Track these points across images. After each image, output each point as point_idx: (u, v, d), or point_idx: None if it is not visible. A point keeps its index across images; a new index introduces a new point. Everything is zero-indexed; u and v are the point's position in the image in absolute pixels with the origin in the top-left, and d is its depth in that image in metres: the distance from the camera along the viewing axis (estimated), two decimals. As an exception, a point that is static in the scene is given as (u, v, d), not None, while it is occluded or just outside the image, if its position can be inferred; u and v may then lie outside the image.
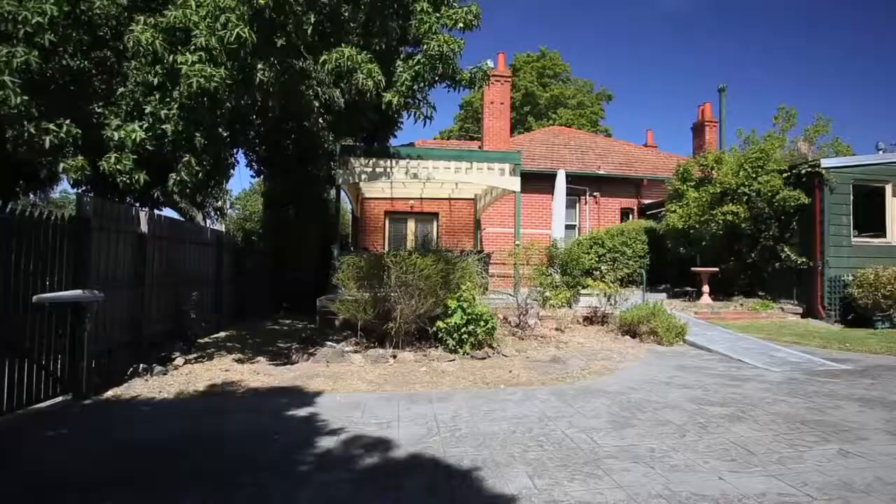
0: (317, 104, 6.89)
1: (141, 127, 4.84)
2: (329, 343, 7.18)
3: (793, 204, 10.13)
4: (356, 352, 6.73)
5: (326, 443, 3.61)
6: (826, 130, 18.40)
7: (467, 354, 6.56)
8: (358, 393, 5.10)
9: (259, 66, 4.68)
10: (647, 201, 16.42)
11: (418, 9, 5.17)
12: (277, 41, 5.38)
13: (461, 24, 5.29)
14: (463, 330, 6.52)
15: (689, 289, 12.55)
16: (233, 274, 10.40)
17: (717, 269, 11.30)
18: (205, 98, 4.49)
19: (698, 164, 11.91)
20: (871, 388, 5.21)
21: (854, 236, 10.14)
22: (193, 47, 4.53)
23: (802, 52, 63.43)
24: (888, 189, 10.34)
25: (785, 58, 64.81)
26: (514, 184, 10.24)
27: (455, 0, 5.88)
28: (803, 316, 10.21)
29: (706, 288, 11.22)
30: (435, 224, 15.66)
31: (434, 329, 6.70)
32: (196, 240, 8.57)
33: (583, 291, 10.04)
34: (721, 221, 10.60)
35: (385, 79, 5.32)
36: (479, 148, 16.76)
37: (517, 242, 9.87)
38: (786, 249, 10.43)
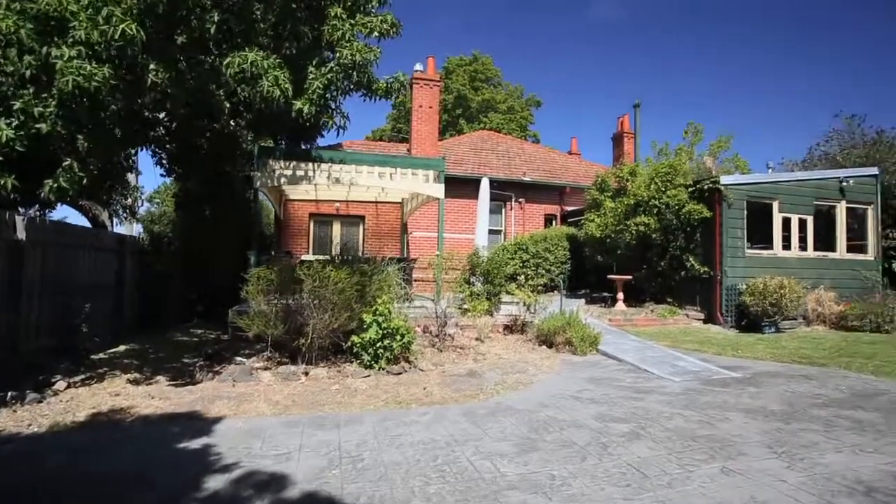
0: (228, 105, 6.49)
1: (9, 125, 4.28)
2: (239, 359, 6.79)
3: (697, 217, 10.82)
4: (266, 368, 6.40)
5: (215, 483, 3.35)
6: (727, 146, 19.82)
7: (383, 370, 6.42)
8: (262, 417, 4.83)
9: (152, 66, 4.28)
10: (569, 208, 17.00)
11: (332, 14, 4.95)
12: (178, 38, 4.97)
13: (376, 33, 5.14)
14: (378, 345, 6.37)
15: (606, 294, 13.09)
16: (139, 280, 9.64)
17: (630, 276, 11.87)
18: (84, 98, 4.03)
19: (615, 175, 12.45)
20: (755, 396, 5.60)
21: (748, 248, 11.00)
22: (72, 40, 4.05)
23: (713, 68, 68.44)
24: (775, 205, 11.30)
25: (699, 72, 69.62)
26: (438, 191, 10.20)
27: (373, 7, 5.71)
28: (705, 322, 10.94)
29: (621, 295, 11.75)
30: (361, 227, 15.36)
31: (349, 344, 6.50)
32: (93, 244, 7.84)
33: (504, 299, 10.19)
34: (634, 231, 11.14)
35: (297, 86, 5.06)
36: (407, 151, 16.64)
37: (437, 253, 9.84)
38: (690, 259, 11.13)
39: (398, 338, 6.49)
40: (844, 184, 12.00)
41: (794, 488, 3.27)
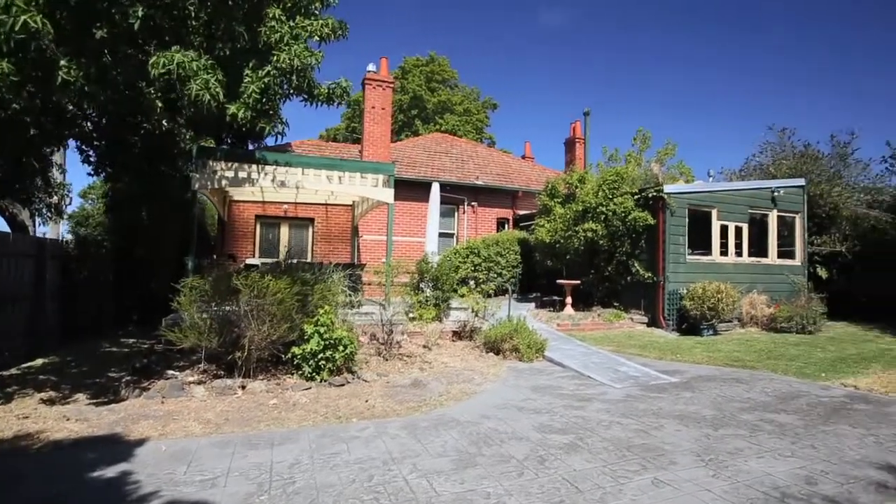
0: (161, 104, 6.15)
1: None
2: (171, 372, 6.44)
3: (642, 224, 11.15)
4: (200, 383, 6.10)
5: (129, 516, 3.13)
6: (673, 153, 20.51)
7: (325, 381, 6.24)
8: (191, 438, 4.57)
9: (63, 62, 3.96)
10: (521, 212, 17.19)
11: (270, 15, 4.74)
12: (97, 32, 4.64)
13: (317, 37, 4.97)
14: (320, 356, 6.19)
15: (556, 298, 13.31)
16: (63, 287, 9.01)
17: (579, 281, 12.11)
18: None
19: (565, 182, 12.67)
20: (689, 402, 5.78)
21: (689, 254, 11.43)
22: (-36, 31, 3.69)
23: (660, 77, 71.09)
24: (714, 213, 11.80)
25: (647, 81, 72.16)
26: (388, 195, 10.06)
27: (316, 9, 5.53)
28: (649, 325, 11.29)
29: (569, 299, 11.97)
30: (310, 230, 15.00)
31: (289, 355, 6.29)
32: (4, 251, 7.24)
33: (454, 304, 10.16)
34: (583, 238, 11.37)
35: (231, 89, 4.83)
36: (359, 152, 16.38)
37: (384, 260, 9.71)
38: (636, 265, 11.46)
39: (341, 348, 6.33)
40: (776, 193, 12.67)
41: (717, 498, 3.36)
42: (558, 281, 12.33)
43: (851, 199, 14.50)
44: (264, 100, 4.81)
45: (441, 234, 16.54)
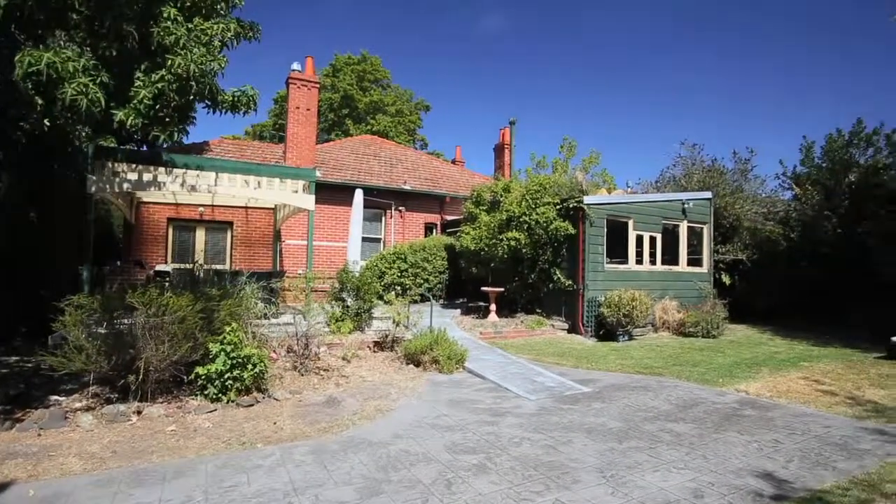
0: (40, 101, 5.54)
1: None
2: (55, 398, 5.84)
3: (563, 233, 11.49)
4: (89, 409, 5.57)
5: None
6: (597, 162, 21.28)
7: (232, 402, 5.89)
8: (68, 477, 4.13)
9: None
10: (450, 217, 17.25)
11: (165, 14, 4.37)
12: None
13: (217, 42, 4.65)
14: (227, 376, 5.84)
15: (482, 304, 13.42)
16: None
17: (503, 289, 12.28)
18: None
19: (490, 190, 12.82)
20: (599, 413, 5.97)
21: (607, 263, 11.91)
22: None
23: (581, 84, 74.15)
24: (630, 223, 12.38)
25: (572, 90, 74.96)
26: (309, 202, 9.72)
27: (222, 9, 5.18)
28: (569, 331, 11.65)
29: (493, 306, 12.11)
30: (229, 234, 14.25)
31: (193, 376, 5.88)
32: None
33: (376, 314, 9.98)
34: (506, 246, 11.54)
35: (120, 93, 4.41)
36: (283, 153, 15.79)
37: (300, 272, 9.37)
38: (557, 273, 11.78)
39: (250, 367, 6.00)
40: (686, 205, 13.49)
41: (613, 520, 3.45)
42: (483, 288, 12.46)
43: (751, 212, 15.71)
44: (158, 106, 4.43)
45: (368, 239, 16.31)
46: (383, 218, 16.67)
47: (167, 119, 4.65)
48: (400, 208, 16.75)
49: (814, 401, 6.46)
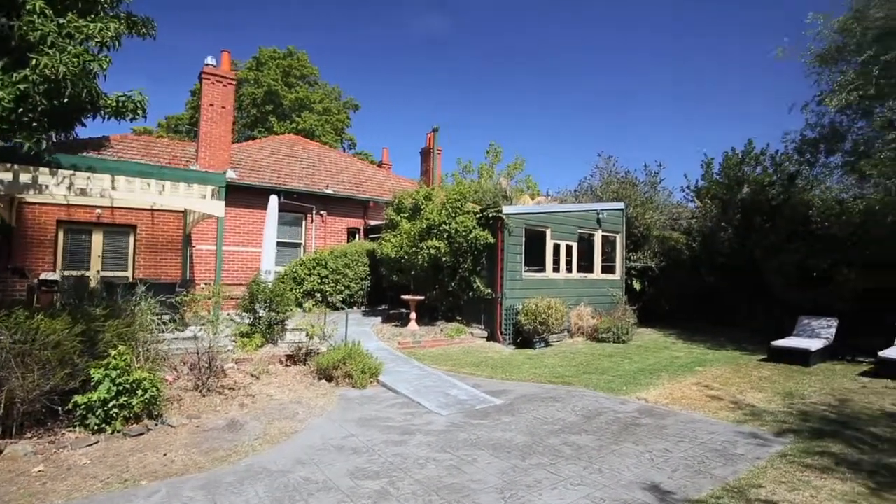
0: None
1: None
2: None
3: (483, 242, 11.64)
4: (-62, 447, 4.90)
5: None
6: (522, 168, 21.76)
7: (118, 432, 5.42)
8: None
9: None
10: (373, 222, 17.02)
11: (28, 7, 3.89)
12: None
13: (95, 42, 4.23)
14: (112, 404, 5.36)
15: (403, 311, 13.34)
16: None
17: (424, 297, 12.26)
18: None
19: (411, 197, 12.75)
20: (507, 427, 6.06)
21: (525, 271, 12.20)
22: None
23: (512, 92, 76.15)
24: (548, 233, 12.77)
25: (501, 95, 76.70)
26: (218, 208, 9.18)
27: (106, 4, 4.73)
28: (488, 339, 11.82)
29: (413, 315, 12.06)
30: (132, 238, 13.20)
31: (71, 405, 5.34)
32: None
33: (290, 326, 9.62)
34: (426, 254, 11.52)
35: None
36: (196, 152, 14.88)
37: (202, 285, 8.86)
38: (477, 281, 11.93)
39: (140, 392, 5.55)
40: (600, 215, 14.11)
41: (505, 546, 3.47)
42: (403, 296, 12.38)
43: (659, 221, 16.74)
44: (21, 109, 3.95)
45: (287, 244, 15.76)
46: (304, 222, 16.14)
47: (34, 124, 4.15)
48: (322, 212, 16.29)
49: (703, 406, 6.93)
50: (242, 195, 14.64)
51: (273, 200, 10.56)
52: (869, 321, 10.97)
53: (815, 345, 10.02)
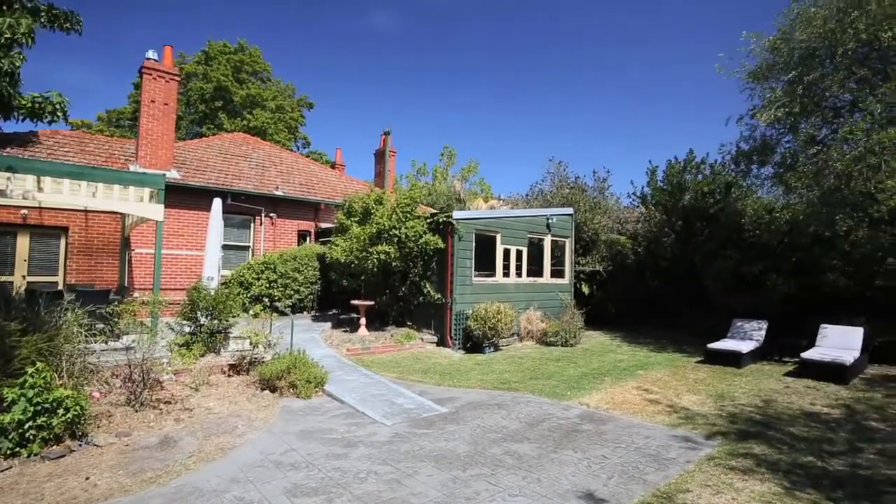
0: None
1: None
2: None
3: (433, 247, 11.65)
4: None
5: None
6: (476, 171, 21.91)
7: (36, 455, 5.09)
8: None
9: None
10: (324, 225, 16.74)
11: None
12: None
13: (6, 38, 3.95)
14: (29, 426, 5.03)
15: (354, 315, 13.20)
16: None
17: (373, 302, 12.16)
18: None
19: (362, 201, 12.63)
20: (451, 437, 6.08)
21: (475, 276, 12.31)
22: None
23: (468, 96, 76.65)
24: (498, 238, 12.93)
25: (453, 100, 77.08)
26: (156, 212, 8.80)
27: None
28: (438, 344, 11.84)
29: (363, 320, 11.95)
30: (63, 241, 12.45)
31: (-18, 427, 4.98)
32: None
33: (234, 333, 9.33)
34: (377, 259, 11.43)
35: None
36: (136, 150, 14.21)
37: (140, 290, 8.48)
38: (427, 286, 11.93)
39: (62, 412, 5.23)
40: (550, 221, 14.40)
41: (439, 563, 3.48)
42: (353, 301, 12.26)
43: (607, 226, 17.26)
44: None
45: (234, 247, 15.31)
46: (252, 225, 15.70)
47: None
48: (271, 215, 15.89)
49: (641, 411, 7.18)
50: (186, 196, 14.10)
51: (217, 204, 10.17)
52: (795, 323, 11.68)
53: (746, 347, 10.58)
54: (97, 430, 5.82)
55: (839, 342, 10.06)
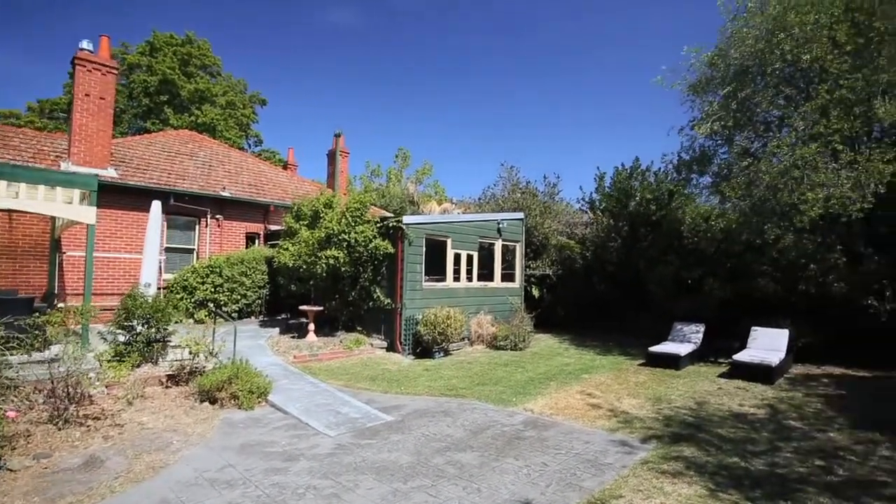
0: None
1: None
2: None
3: (383, 252, 11.59)
4: None
5: None
6: (430, 173, 21.90)
7: (-58, 481, 4.73)
8: None
9: None
10: (274, 227, 16.35)
11: None
12: None
13: None
14: (-66, 449, 4.67)
15: (303, 320, 12.95)
16: None
17: (322, 307, 11.98)
18: None
19: (311, 204, 12.41)
20: (395, 447, 6.04)
21: (425, 281, 12.32)
22: None
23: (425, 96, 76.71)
24: (449, 242, 12.99)
25: (409, 100, 76.98)
26: (88, 215, 8.35)
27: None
28: (388, 349, 11.78)
29: (312, 326, 11.75)
30: (-16, 243, 11.64)
31: None
32: None
33: (174, 342, 8.97)
34: (325, 264, 11.25)
35: None
36: (68, 146, 13.44)
37: (70, 303, 8.04)
38: (377, 291, 11.85)
39: (-28, 433, 4.88)
40: (501, 225, 14.59)
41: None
42: (301, 307, 12.02)
43: (557, 231, 17.65)
44: None
45: (178, 250, 14.75)
46: (197, 226, 15.14)
47: None
48: (217, 216, 15.37)
49: (583, 416, 7.38)
50: (125, 196, 13.46)
51: (156, 207, 9.71)
52: (730, 326, 12.30)
53: (684, 349, 11.06)
54: (11, 452, 5.46)
55: (767, 344, 10.68)
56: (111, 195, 13.08)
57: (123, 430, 6.37)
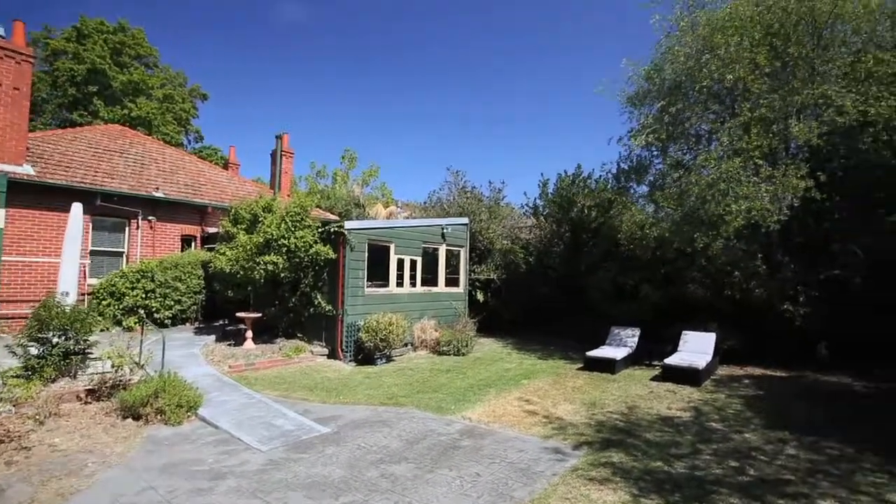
0: None
1: None
2: None
3: (324, 257, 11.37)
4: None
5: None
6: (376, 175, 21.69)
7: None
8: None
9: None
10: (212, 229, 15.70)
11: None
12: None
13: None
14: None
15: (242, 327, 12.51)
16: None
17: (262, 314, 11.62)
18: None
19: (250, 208, 12.01)
20: (328, 461, 5.90)
21: (367, 286, 12.18)
22: None
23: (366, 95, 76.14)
24: (392, 248, 12.91)
25: (352, 99, 76.18)
26: (-4, 218, 7.71)
27: None
28: (329, 356, 11.57)
29: (249, 333, 11.38)
30: None
31: None
32: None
33: (96, 354, 8.44)
34: (264, 270, 10.92)
35: None
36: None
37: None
38: (318, 297, 11.61)
39: None
40: (445, 230, 14.64)
41: None
42: (238, 314, 11.62)
43: (502, 235, 17.90)
44: None
45: (107, 253, 13.93)
46: (127, 228, 14.31)
47: None
48: (150, 218, 14.59)
49: (519, 423, 7.49)
50: (44, 195, 12.55)
51: (76, 209, 9.06)
52: (664, 330, 12.86)
53: (620, 353, 11.46)
54: None
55: (697, 347, 11.24)
56: (27, 195, 12.18)
57: (31, 453, 5.92)
